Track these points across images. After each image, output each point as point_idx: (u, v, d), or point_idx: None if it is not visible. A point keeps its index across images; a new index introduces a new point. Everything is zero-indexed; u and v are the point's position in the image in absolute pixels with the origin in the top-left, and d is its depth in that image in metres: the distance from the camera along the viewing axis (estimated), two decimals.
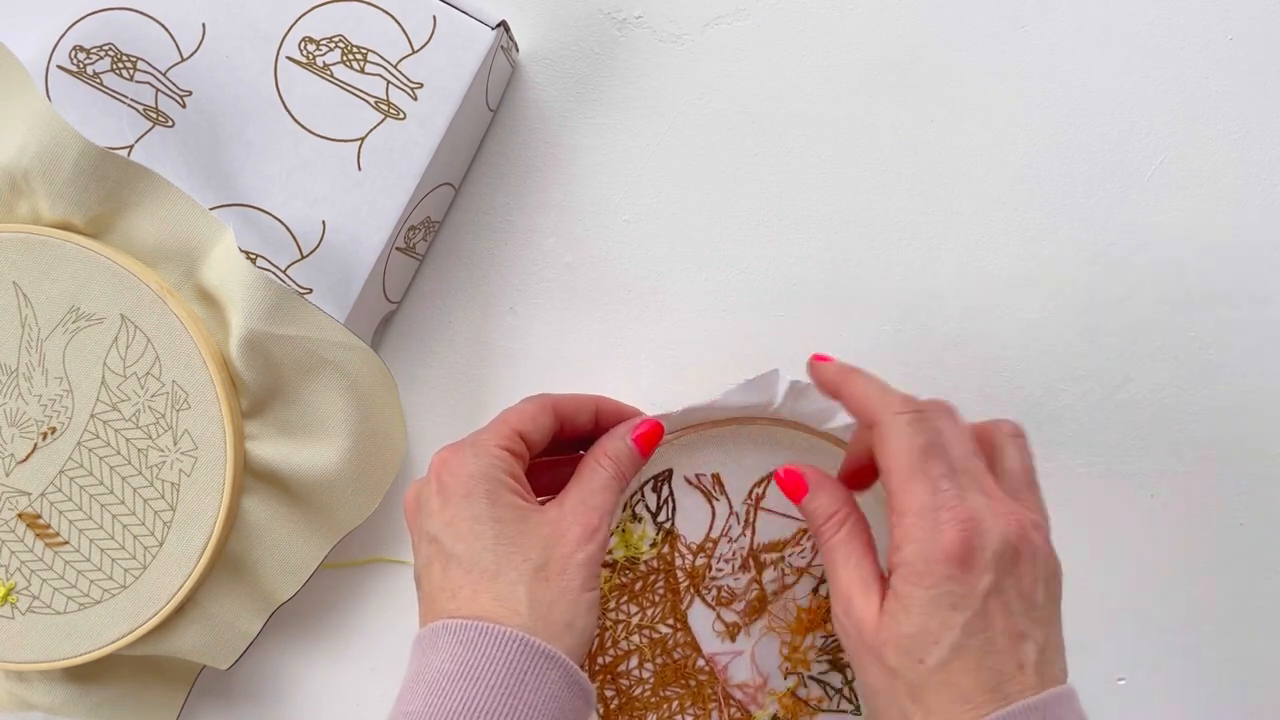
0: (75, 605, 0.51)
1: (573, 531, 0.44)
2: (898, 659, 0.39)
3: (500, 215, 0.56)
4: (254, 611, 0.53)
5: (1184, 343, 0.56)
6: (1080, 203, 0.55)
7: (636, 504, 0.53)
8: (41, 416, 0.50)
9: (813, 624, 0.53)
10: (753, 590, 0.52)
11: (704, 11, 0.55)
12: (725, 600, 0.53)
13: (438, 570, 0.43)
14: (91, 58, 0.50)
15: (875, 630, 0.40)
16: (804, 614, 0.53)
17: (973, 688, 0.39)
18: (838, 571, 0.43)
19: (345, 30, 0.50)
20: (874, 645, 0.40)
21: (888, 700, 0.40)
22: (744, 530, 0.52)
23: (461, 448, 0.44)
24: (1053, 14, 0.55)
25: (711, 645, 0.53)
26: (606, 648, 0.53)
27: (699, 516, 0.52)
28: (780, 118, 0.56)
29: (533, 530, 0.43)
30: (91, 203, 0.49)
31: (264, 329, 0.49)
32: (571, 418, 0.48)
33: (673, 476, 0.52)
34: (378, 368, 0.51)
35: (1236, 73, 0.55)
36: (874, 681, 0.41)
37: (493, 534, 0.43)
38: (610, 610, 0.53)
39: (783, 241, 0.56)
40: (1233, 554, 0.56)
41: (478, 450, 0.44)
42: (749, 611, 0.53)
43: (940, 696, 0.39)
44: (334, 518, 0.53)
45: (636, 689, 0.53)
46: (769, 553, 0.53)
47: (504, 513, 0.43)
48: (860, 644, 0.41)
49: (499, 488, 0.44)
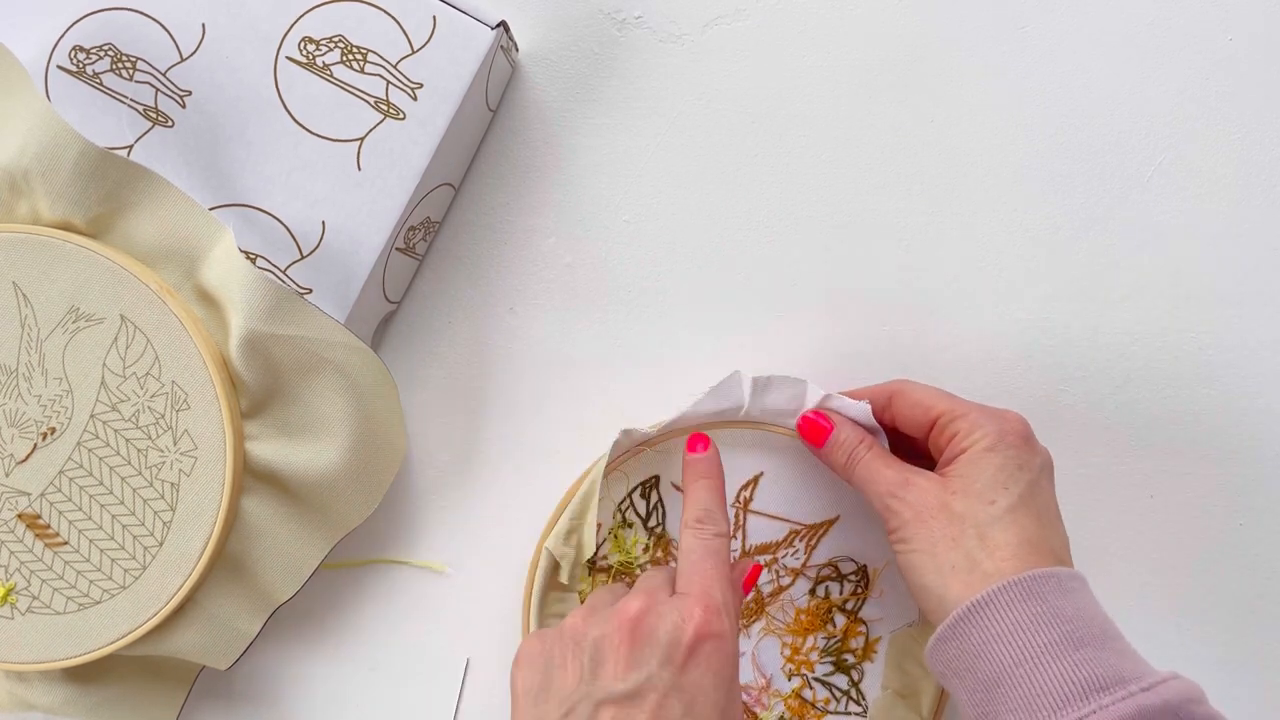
0: (75, 606, 0.51)
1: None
2: (966, 504, 0.45)
3: (500, 215, 0.56)
4: (254, 612, 0.53)
5: (1184, 343, 0.56)
6: (1080, 203, 0.55)
7: (626, 510, 0.53)
8: (41, 417, 0.50)
9: (812, 625, 0.53)
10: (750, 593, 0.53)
11: (704, 11, 0.55)
12: None
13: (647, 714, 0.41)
14: (91, 58, 0.50)
15: (941, 489, 0.46)
16: (803, 614, 0.53)
17: (1036, 536, 0.44)
18: (882, 472, 0.47)
19: (345, 30, 0.50)
20: (941, 499, 0.45)
21: (949, 549, 0.44)
22: (734, 533, 0.53)
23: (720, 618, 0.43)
24: (1053, 14, 0.55)
25: None
26: None
27: None
28: (780, 118, 0.56)
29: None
30: (91, 203, 0.49)
31: (264, 329, 0.49)
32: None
33: (660, 482, 0.53)
34: (378, 368, 0.51)
35: (1236, 73, 0.55)
36: (937, 536, 0.45)
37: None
38: None
39: (783, 241, 0.56)
40: (1233, 554, 0.56)
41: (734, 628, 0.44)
42: (746, 614, 0.53)
43: (1007, 533, 0.44)
44: (334, 518, 0.53)
45: None
46: (761, 555, 0.53)
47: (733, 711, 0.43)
48: (922, 507, 0.45)
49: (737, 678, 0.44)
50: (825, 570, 0.53)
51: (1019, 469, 0.45)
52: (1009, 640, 0.42)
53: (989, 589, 0.42)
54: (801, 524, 0.53)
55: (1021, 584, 0.42)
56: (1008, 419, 0.47)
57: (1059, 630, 0.41)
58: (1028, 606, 0.42)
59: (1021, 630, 0.42)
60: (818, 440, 0.50)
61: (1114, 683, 0.40)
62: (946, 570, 0.44)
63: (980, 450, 0.46)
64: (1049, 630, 0.41)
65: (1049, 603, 0.42)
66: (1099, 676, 0.40)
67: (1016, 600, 0.42)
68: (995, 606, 0.42)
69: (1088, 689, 0.40)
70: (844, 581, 0.54)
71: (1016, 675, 0.41)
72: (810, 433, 0.50)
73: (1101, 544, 0.56)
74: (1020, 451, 0.46)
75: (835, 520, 0.53)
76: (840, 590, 0.54)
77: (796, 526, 0.53)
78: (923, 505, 0.46)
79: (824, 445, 0.50)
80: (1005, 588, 0.42)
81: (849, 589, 0.54)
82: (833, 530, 0.53)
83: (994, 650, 0.42)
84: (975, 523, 0.44)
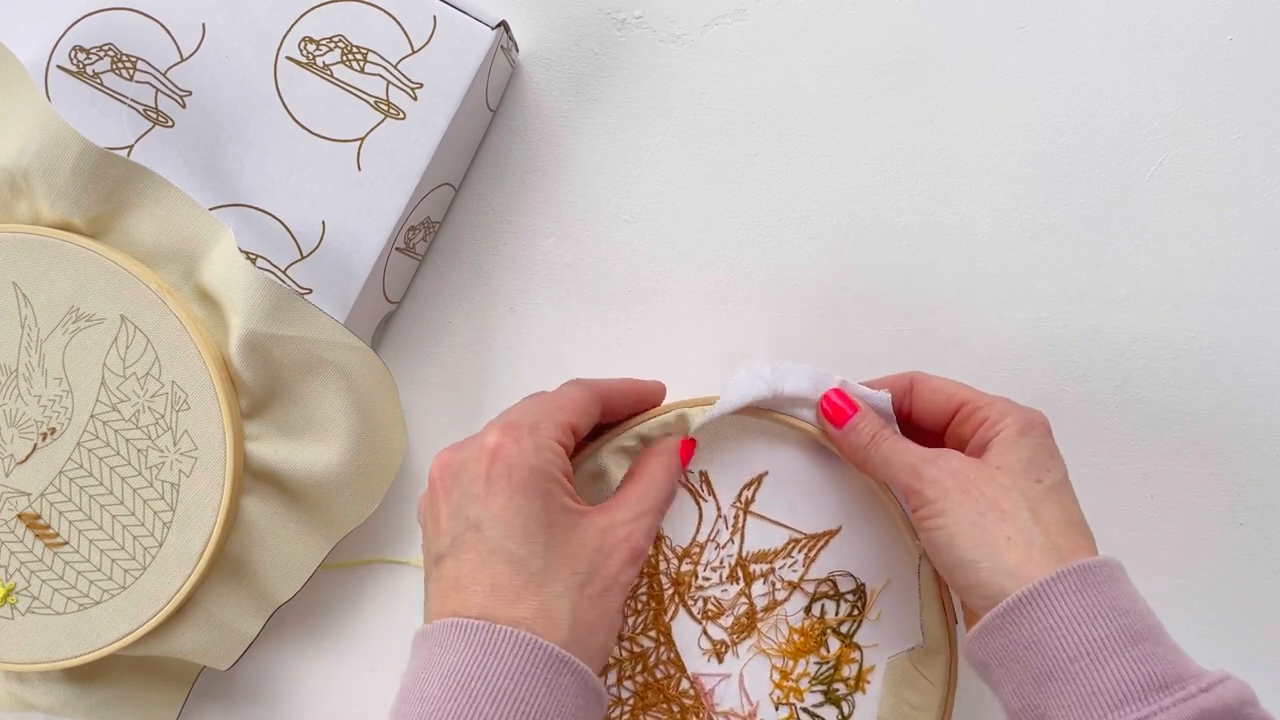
0: (75, 606, 0.51)
1: (621, 551, 0.43)
2: (1013, 478, 0.43)
3: (500, 215, 0.56)
4: (254, 612, 0.53)
5: (1184, 342, 0.56)
6: (1080, 203, 0.55)
7: None
8: (41, 417, 0.50)
9: (805, 648, 0.51)
10: (741, 604, 0.50)
11: (704, 11, 0.55)
12: (712, 613, 0.50)
13: (471, 559, 0.41)
14: (91, 58, 0.50)
15: (983, 464, 0.44)
16: (796, 635, 0.51)
17: (1079, 518, 0.44)
18: (908, 448, 0.46)
19: (345, 30, 0.50)
20: (984, 472, 0.44)
21: (999, 520, 0.42)
22: (732, 536, 0.50)
23: (520, 434, 0.42)
24: (1053, 14, 0.55)
25: (697, 664, 0.50)
26: None
27: (686, 518, 0.50)
28: (780, 118, 0.56)
29: (581, 540, 0.42)
30: (91, 203, 0.49)
31: (264, 329, 0.49)
32: (614, 408, 0.47)
33: None
34: (378, 368, 0.51)
35: (1236, 73, 0.55)
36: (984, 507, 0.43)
37: (545, 538, 0.41)
38: None
39: (783, 241, 0.56)
40: (1233, 554, 0.56)
41: (538, 442, 0.42)
42: (737, 628, 0.50)
43: (1055, 513, 0.43)
44: (334, 518, 0.53)
45: (614, 710, 0.50)
46: (758, 563, 0.51)
47: (558, 517, 0.42)
48: (963, 476, 0.44)
49: (556, 488, 0.42)
50: (823, 586, 0.51)
51: (1051, 456, 0.45)
52: (1065, 633, 0.40)
53: (1042, 578, 0.40)
54: (802, 533, 0.51)
55: (1077, 572, 0.40)
56: (1032, 412, 0.46)
57: (1116, 624, 0.40)
58: (1084, 597, 0.40)
59: (1079, 623, 0.40)
60: (840, 419, 0.48)
61: (1172, 682, 0.39)
62: (1000, 542, 0.42)
63: (1013, 435, 0.45)
64: (1106, 623, 0.40)
65: (1105, 593, 0.40)
66: (1157, 675, 0.39)
67: (1072, 590, 0.40)
68: (1050, 596, 0.40)
69: (1146, 688, 0.39)
70: (840, 601, 0.51)
71: (1072, 671, 0.39)
72: (833, 412, 0.48)
73: (1101, 544, 0.56)
74: (1050, 441, 0.45)
75: (837, 532, 0.51)
76: (836, 610, 0.51)
77: (797, 535, 0.50)
78: (964, 475, 0.44)
79: (845, 425, 0.48)
80: (1060, 576, 0.40)
81: (845, 609, 0.51)
82: (833, 542, 0.51)
83: (1049, 643, 0.40)
84: (1025, 496, 0.43)
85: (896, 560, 0.50)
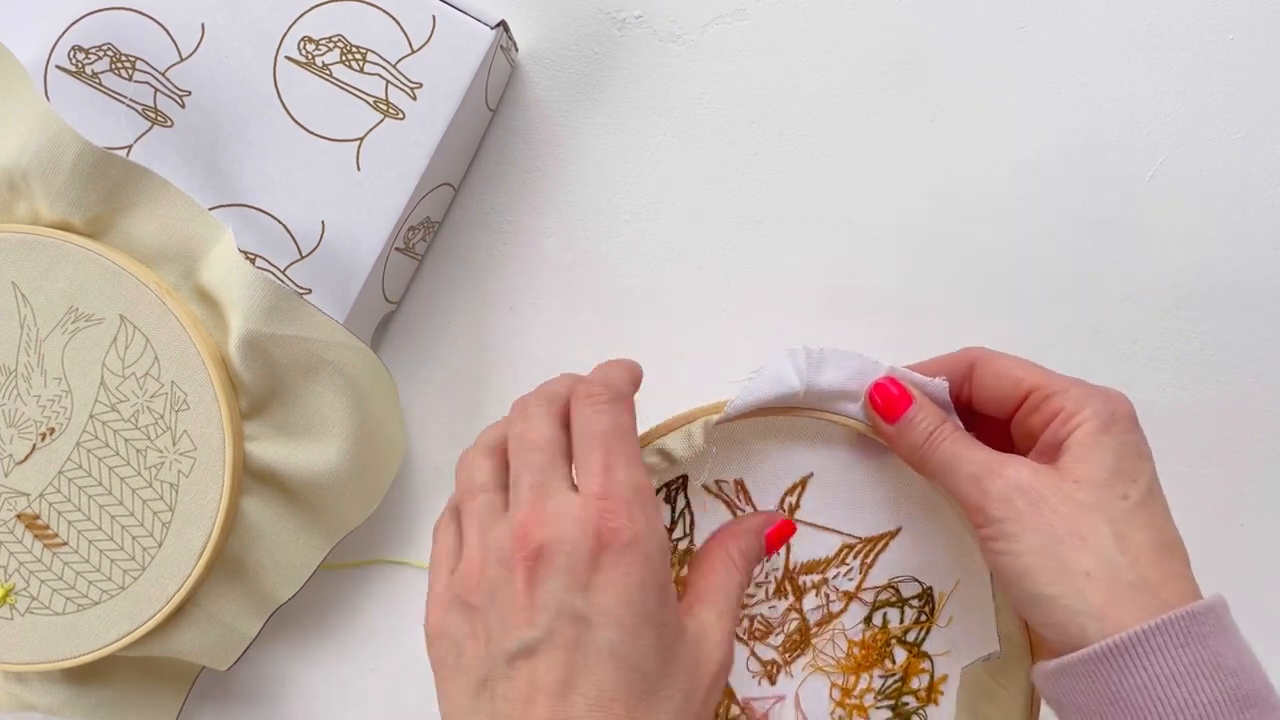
0: (74, 606, 0.51)
1: (715, 658, 0.37)
2: (1095, 494, 0.37)
3: (500, 215, 0.56)
4: (253, 612, 0.53)
5: (1184, 342, 0.56)
6: (1081, 203, 0.55)
7: None
8: (40, 417, 0.50)
9: (867, 661, 0.45)
10: (792, 620, 0.45)
11: (704, 11, 0.55)
12: (760, 633, 0.46)
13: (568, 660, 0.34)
14: (90, 58, 0.50)
15: (1058, 476, 0.38)
16: (856, 648, 0.45)
17: (1172, 537, 0.38)
18: (970, 453, 0.40)
19: (345, 30, 0.50)
20: (1059, 489, 0.37)
21: (1078, 550, 0.36)
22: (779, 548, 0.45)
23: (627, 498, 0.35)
24: (1053, 14, 0.55)
25: (747, 688, 0.46)
26: None
27: None
28: (780, 118, 0.56)
29: (683, 646, 0.36)
30: (90, 203, 0.49)
31: (263, 329, 0.49)
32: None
33: (688, 483, 0.45)
34: (377, 368, 0.51)
35: (1236, 73, 0.55)
36: (1060, 534, 0.37)
37: (655, 640, 0.35)
38: None
39: (783, 241, 0.56)
40: (1233, 554, 0.56)
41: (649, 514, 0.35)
42: (788, 646, 0.45)
43: (1145, 534, 0.37)
44: (333, 518, 0.53)
45: None
46: (808, 574, 0.45)
47: (668, 616, 0.35)
48: (1036, 496, 0.37)
49: (669, 579, 0.35)
50: (884, 594, 0.45)
51: (1139, 457, 0.38)
52: (1161, 694, 0.35)
53: (1137, 629, 0.35)
54: (856, 537, 0.45)
55: (1181, 623, 0.35)
56: (1115, 397, 0.39)
57: (1222, 686, 0.35)
58: (1184, 654, 0.35)
59: (1177, 684, 0.35)
60: (893, 414, 0.41)
61: None
62: (1079, 577, 0.36)
63: (1093, 432, 0.38)
64: (1211, 686, 0.35)
65: (1210, 649, 0.35)
66: None
67: (1173, 645, 0.35)
68: (1148, 650, 0.35)
69: None
70: (905, 607, 0.45)
71: None
72: (885, 404, 0.42)
73: None
74: (1137, 436, 0.39)
75: (896, 533, 0.45)
76: (901, 618, 0.45)
77: (850, 540, 0.45)
78: (1036, 492, 0.37)
79: (898, 420, 0.41)
80: (1160, 629, 0.35)
81: (911, 616, 0.45)
82: (892, 545, 0.45)
83: (1139, 702, 0.35)
84: (1109, 519, 0.37)
85: (966, 558, 0.45)
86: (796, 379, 0.42)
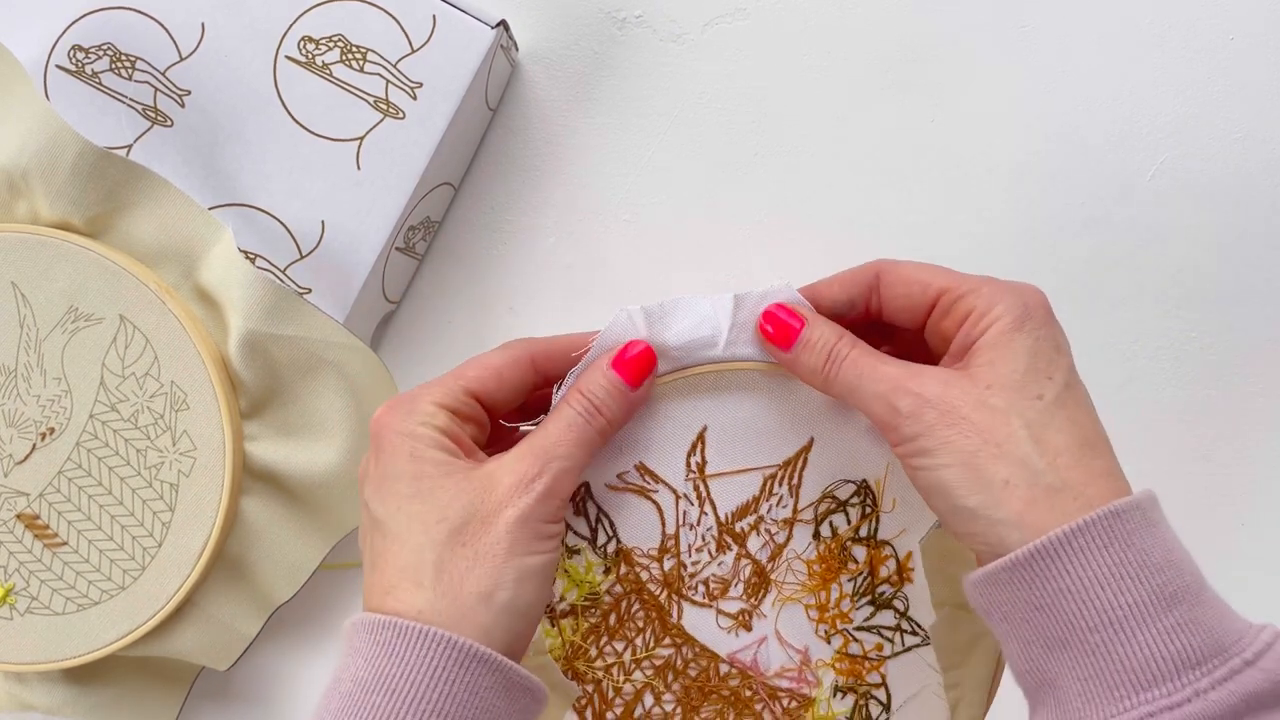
0: (74, 606, 0.51)
1: (503, 482, 0.37)
2: (1008, 398, 0.35)
3: (500, 215, 0.56)
4: (253, 612, 0.53)
5: (1184, 343, 0.56)
6: (1081, 203, 0.55)
7: (565, 536, 0.45)
8: (40, 417, 0.50)
9: (830, 573, 0.45)
10: (745, 566, 0.45)
11: (704, 11, 0.55)
12: (718, 592, 0.45)
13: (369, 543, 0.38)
14: (90, 57, 0.50)
15: (967, 382, 0.36)
16: (815, 565, 0.45)
17: (1093, 433, 0.36)
18: (879, 368, 0.38)
19: (345, 30, 0.50)
20: (973, 395, 0.36)
21: (995, 458, 0.35)
22: (702, 510, 0.44)
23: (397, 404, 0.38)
24: (1054, 14, 0.55)
25: (727, 645, 0.45)
26: (611, 700, 0.46)
27: (645, 519, 0.45)
28: (781, 117, 0.56)
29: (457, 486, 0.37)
30: (90, 203, 0.49)
31: (263, 329, 0.49)
32: (553, 368, 0.41)
33: (591, 489, 0.44)
34: (377, 368, 0.51)
35: (1237, 73, 0.55)
36: (975, 443, 0.35)
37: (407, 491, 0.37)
38: (594, 658, 0.45)
39: (783, 241, 0.56)
40: (1233, 554, 0.56)
41: (412, 407, 0.38)
42: (751, 592, 0.45)
43: (1063, 434, 0.36)
44: (333, 518, 0.53)
45: None
46: (741, 519, 0.45)
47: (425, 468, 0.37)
48: (947, 406, 0.36)
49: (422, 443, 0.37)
50: (822, 506, 0.44)
51: (1055, 351, 0.37)
52: (1085, 597, 0.33)
53: (1057, 532, 0.34)
54: (773, 465, 0.44)
55: (1102, 522, 0.34)
56: (1027, 290, 0.38)
57: (1148, 585, 0.33)
58: (1110, 554, 0.33)
59: (1103, 585, 0.33)
60: (787, 340, 0.39)
61: (1212, 654, 0.33)
62: (997, 486, 0.35)
63: (1005, 330, 0.37)
64: (1136, 586, 0.33)
65: (1136, 546, 0.34)
66: (1194, 648, 0.33)
67: (1096, 546, 0.33)
68: (1069, 553, 0.34)
69: (1181, 664, 0.33)
70: (847, 509, 0.45)
71: (1091, 641, 0.33)
72: (777, 332, 0.40)
73: None
74: (1052, 329, 0.37)
75: (810, 445, 0.44)
76: (847, 520, 0.45)
77: (769, 469, 0.44)
78: (947, 404, 0.36)
79: (794, 345, 0.39)
80: (1082, 529, 0.33)
81: (856, 515, 0.45)
82: (811, 458, 0.44)
83: (1063, 606, 0.34)
84: (1025, 422, 0.35)
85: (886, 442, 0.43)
86: (720, 330, 0.42)
